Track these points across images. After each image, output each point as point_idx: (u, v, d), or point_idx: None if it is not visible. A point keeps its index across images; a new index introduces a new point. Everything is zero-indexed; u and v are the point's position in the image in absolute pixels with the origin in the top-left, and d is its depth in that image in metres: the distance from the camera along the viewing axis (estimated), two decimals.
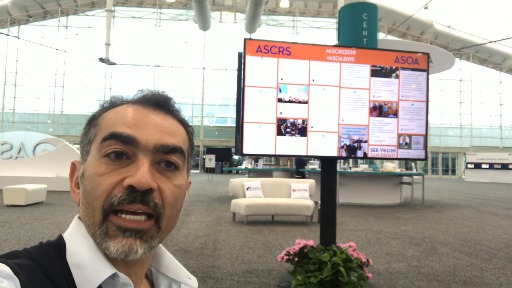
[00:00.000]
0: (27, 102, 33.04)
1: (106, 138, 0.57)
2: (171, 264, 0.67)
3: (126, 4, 34.04)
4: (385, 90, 3.47)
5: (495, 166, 26.82)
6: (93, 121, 0.63)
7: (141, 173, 0.54)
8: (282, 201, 7.32)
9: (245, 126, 3.22)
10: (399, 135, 3.52)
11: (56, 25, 32.95)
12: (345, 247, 3.51)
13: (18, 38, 27.41)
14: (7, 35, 26.37)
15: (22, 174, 12.53)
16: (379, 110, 3.46)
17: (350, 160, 14.83)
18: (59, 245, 0.57)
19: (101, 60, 22.22)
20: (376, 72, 3.45)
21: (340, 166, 12.33)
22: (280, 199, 7.42)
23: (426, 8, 23.48)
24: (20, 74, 32.79)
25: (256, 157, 17.96)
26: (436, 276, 4.16)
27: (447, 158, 36.52)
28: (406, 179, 11.77)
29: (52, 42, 29.42)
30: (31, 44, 26.64)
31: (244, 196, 7.58)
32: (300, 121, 3.32)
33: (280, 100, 3.28)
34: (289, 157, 14.28)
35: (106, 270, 0.54)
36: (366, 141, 3.44)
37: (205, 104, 34.66)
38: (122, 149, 0.56)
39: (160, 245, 0.67)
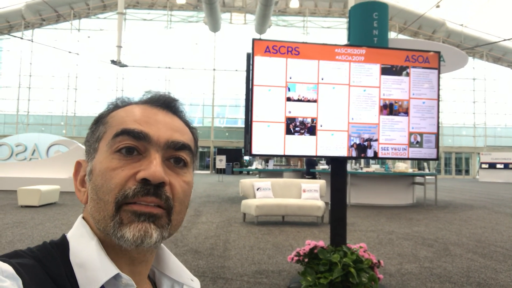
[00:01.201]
0: (41, 104, 33.59)
1: (118, 134, 0.58)
2: (174, 265, 0.67)
3: (137, 6, 34.36)
4: (395, 88, 3.43)
5: (510, 166, 26.34)
6: (100, 119, 0.63)
7: (155, 166, 0.56)
8: (293, 201, 7.30)
9: (254, 125, 3.21)
10: (410, 134, 3.47)
11: (69, 28, 33.46)
12: (355, 248, 3.48)
13: (32, 41, 27.89)
14: (21, 38, 26.87)
15: (36, 175, 12.73)
16: (389, 108, 3.42)
17: (362, 160, 14.71)
18: (62, 245, 0.57)
19: (113, 62, 22.47)
20: (387, 70, 3.42)
21: (351, 167, 12.24)
22: (290, 200, 7.40)
23: (438, 6, 23.18)
24: (34, 77, 33.35)
25: (266, 158, 17.95)
26: (449, 278, 4.09)
27: (461, 158, 36.00)
28: (418, 179, 11.64)
29: (65, 45, 29.82)
30: (44, 47, 27.10)
31: (255, 197, 7.58)
32: (309, 120, 3.30)
33: (289, 99, 3.27)
34: (298, 157, 14.22)
35: (109, 270, 0.54)
36: (376, 140, 3.40)
37: (215, 105, 34.79)
38: (134, 144, 0.57)
39: (164, 246, 0.67)
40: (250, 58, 3.31)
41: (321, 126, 3.32)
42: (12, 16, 31.79)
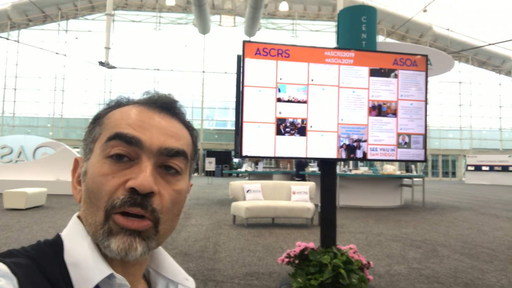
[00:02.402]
0: (27, 106, 33.06)
1: (111, 137, 0.57)
2: (169, 265, 0.67)
3: (126, 8, 34.11)
4: (384, 89, 3.47)
5: (495, 168, 26.79)
6: (98, 119, 0.63)
7: (144, 176, 0.55)
8: (282, 203, 7.31)
9: (245, 126, 3.22)
10: (399, 135, 3.52)
11: (56, 29, 33.03)
12: (345, 249, 3.50)
13: (18, 42, 27.44)
14: (7, 39, 26.42)
15: (22, 177, 12.52)
16: (378, 109, 3.46)
17: (350, 163, 14.82)
18: (56, 244, 0.57)
19: (101, 63, 22.23)
20: (375, 72, 3.46)
21: (340, 169, 12.32)
22: (280, 202, 7.41)
23: (425, 11, 23.49)
24: (20, 78, 32.81)
25: (256, 160, 17.96)
26: (437, 278, 4.14)
27: (447, 160, 36.50)
28: (406, 181, 11.76)
29: (52, 46, 29.43)
30: (31, 48, 26.70)
31: (244, 199, 7.57)
32: (299, 121, 3.32)
33: (279, 100, 3.29)
34: (288, 159, 14.27)
35: (103, 270, 0.54)
36: (365, 141, 3.44)
37: (205, 107, 34.70)
38: (126, 150, 0.57)
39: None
40: (240, 60, 3.32)
41: (311, 127, 3.34)
42: None
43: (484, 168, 27.31)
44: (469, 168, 28.12)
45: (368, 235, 6.56)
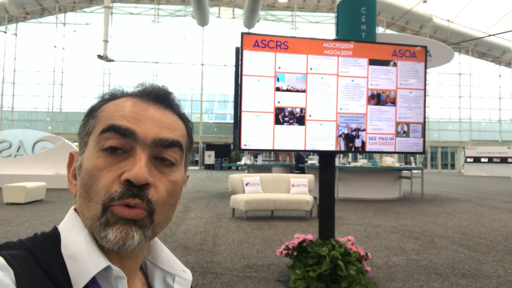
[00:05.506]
0: (25, 100, 32.96)
1: (104, 130, 0.57)
2: (166, 257, 0.67)
3: (124, 0, 33.87)
4: (383, 78, 3.47)
5: (494, 160, 26.84)
6: (92, 112, 0.62)
7: (139, 167, 0.54)
8: (281, 196, 7.33)
9: (243, 115, 3.22)
10: (397, 123, 3.52)
11: (54, 22, 32.82)
12: (343, 241, 3.52)
13: (16, 35, 27.31)
14: (5, 32, 26.29)
15: (21, 172, 12.53)
16: (377, 98, 3.46)
17: (350, 155, 14.84)
18: (54, 237, 0.57)
19: (99, 57, 22.15)
20: (374, 61, 3.45)
21: (339, 161, 12.33)
22: (279, 195, 7.43)
23: (425, 1, 23.40)
24: (18, 72, 32.66)
25: (255, 153, 17.96)
26: (435, 269, 4.17)
27: (446, 152, 36.54)
28: (405, 173, 11.79)
29: (50, 39, 29.28)
30: (29, 42, 26.55)
31: (244, 192, 7.59)
32: (298, 110, 3.32)
33: (278, 89, 3.28)
34: (287, 152, 14.26)
35: (100, 262, 0.54)
36: (364, 130, 3.44)
37: (204, 100, 34.62)
38: (120, 142, 0.56)
39: (156, 238, 0.67)
40: (239, 52, 3.31)
41: (309, 116, 3.34)
42: None
43: (483, 160, 27.35)
44: (468, 160, 28.16)
45: (367, 227, 6.59)
